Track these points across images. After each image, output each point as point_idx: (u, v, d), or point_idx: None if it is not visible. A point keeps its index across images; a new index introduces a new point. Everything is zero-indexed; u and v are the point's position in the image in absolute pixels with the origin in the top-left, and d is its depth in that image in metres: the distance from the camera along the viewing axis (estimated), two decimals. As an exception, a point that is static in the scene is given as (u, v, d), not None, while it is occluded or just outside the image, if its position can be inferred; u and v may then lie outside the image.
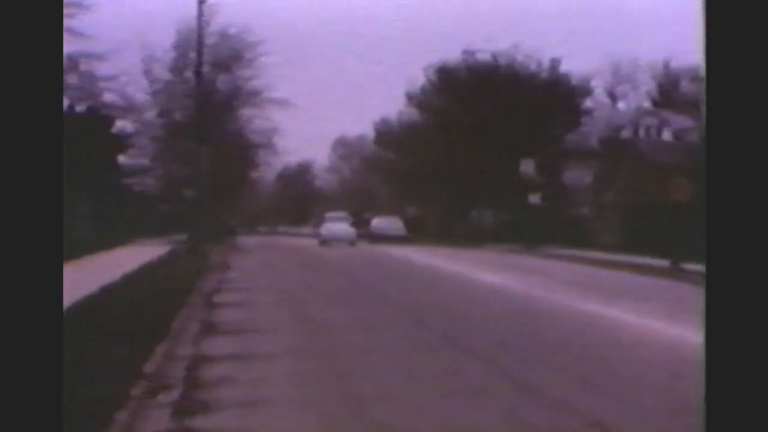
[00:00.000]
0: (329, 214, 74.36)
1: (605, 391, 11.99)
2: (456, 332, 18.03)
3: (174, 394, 11.64)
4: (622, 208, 60.01)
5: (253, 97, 64.79)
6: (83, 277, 26.19)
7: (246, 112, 66.22)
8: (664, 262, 37.85)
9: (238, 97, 65.08)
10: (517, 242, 61.72)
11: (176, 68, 62.74)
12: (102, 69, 53.87)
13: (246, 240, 78.41)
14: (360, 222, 78.02)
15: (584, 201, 69.53)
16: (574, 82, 75.32)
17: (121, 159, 66.92)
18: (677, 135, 67.30)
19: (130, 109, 62.85)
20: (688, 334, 17.59)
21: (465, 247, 62.43)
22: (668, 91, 71.04)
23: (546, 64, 75.91)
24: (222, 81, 64.02)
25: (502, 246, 61.30)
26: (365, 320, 20.12)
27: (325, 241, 66.18)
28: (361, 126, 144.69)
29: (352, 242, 65.97)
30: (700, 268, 34.50)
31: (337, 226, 68.84)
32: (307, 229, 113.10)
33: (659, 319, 20.33)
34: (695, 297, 26.43)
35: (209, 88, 61.86)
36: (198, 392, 11.80)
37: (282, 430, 9.75)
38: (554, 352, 15.41)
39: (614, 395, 11.71)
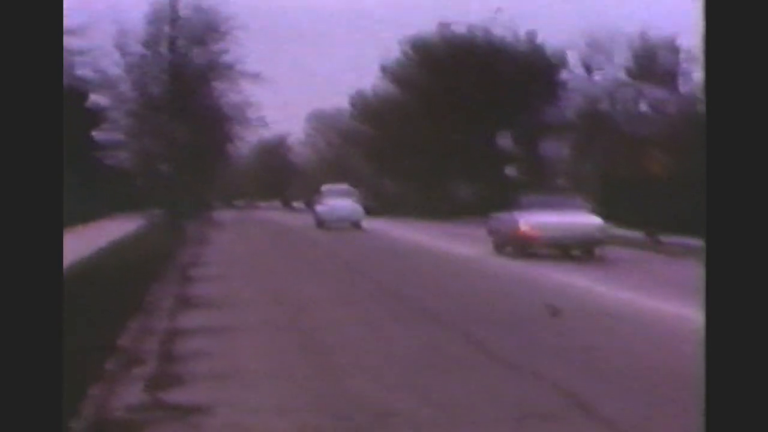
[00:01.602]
0: (327, 187, 57.45)
1: (582, 366, 11.93)
2: (436, 305, 17.98)
3: (148, 368, 11.52)
4: (599, 179, 59.95)
5: (228, 70, 64.34)
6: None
7: (221, 85, 65.77)
8: (640, 234, 37.84)
9: (213, 70, 64.64)
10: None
11: (150, 42, 62.21)
12: (75, 43, 53.36)
13: (222, 215, 78.25)
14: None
15: (561, 173, 69.52)
16: (550, 54, 75.12)
17: (96, 134, 66.47)
18: (654, 107, 67.28)
19: (103, 83, 62.36)
20: (667, 306, 17.57)
21: (443, 221, 62.34)
22: (645, 63, 70.96)
23: (522, 36, 75.76)
24: (196, 54, 63.59)
25: (479, 219, 61.15)
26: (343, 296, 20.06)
27: (323, 222, 52.91)
28: (337, 99, 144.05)
29: (357, 223, 52.36)
30: (675, 239, 34.57)
31: (339, 202, 53.57)
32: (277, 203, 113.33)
33: (631, 291, 20.27)
34: (670, 269, 26.46)
35: (183, 62, 61.49)
36: (172, 366, 11.69)
37: (255, 403, 9.64)
38: (530, 324, 15.36)
39: (590, 370, 11.65)
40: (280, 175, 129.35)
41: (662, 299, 18.42)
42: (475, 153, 72.46)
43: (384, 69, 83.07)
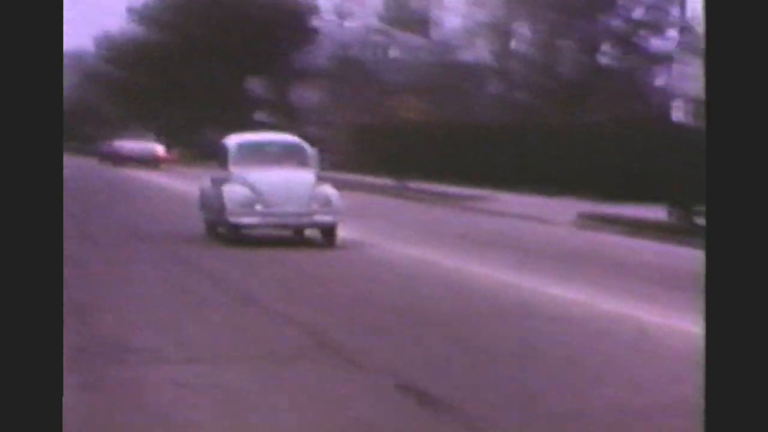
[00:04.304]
0: (239, 138, 21.57)
1: (322, 306, 11.91)
2: (176, 247, 17.82)
3: None
4: (351, 127, 60.26)
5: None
6: None
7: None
8: (390, 181, 38.18)
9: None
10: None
11: None
12: None
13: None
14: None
15: (312, 120, 69.51)
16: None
17: None
18: (406, 53, 67.77)
19: None
20: (413, 252, 17.78)
21: (198, 167, 61.75)
22: (397, 9, 71.46)
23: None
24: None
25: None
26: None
27: (237, 227, 18.28)
28: (80, 40, 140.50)
29: (325, 229, 19.01)
30: (423, 186, 35.07)
31: (280, 174, 20.22)
32: None
33: (379, 236, 20.44)
34: (417, 214, 26.85)
35: None
36: None
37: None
38: (273, 266, 15.31)
39: (333, 309, 11.62)
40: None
41: (406, 243, 18.64)
42: (226, 99, 71.77)
43: (131, 11, 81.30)
